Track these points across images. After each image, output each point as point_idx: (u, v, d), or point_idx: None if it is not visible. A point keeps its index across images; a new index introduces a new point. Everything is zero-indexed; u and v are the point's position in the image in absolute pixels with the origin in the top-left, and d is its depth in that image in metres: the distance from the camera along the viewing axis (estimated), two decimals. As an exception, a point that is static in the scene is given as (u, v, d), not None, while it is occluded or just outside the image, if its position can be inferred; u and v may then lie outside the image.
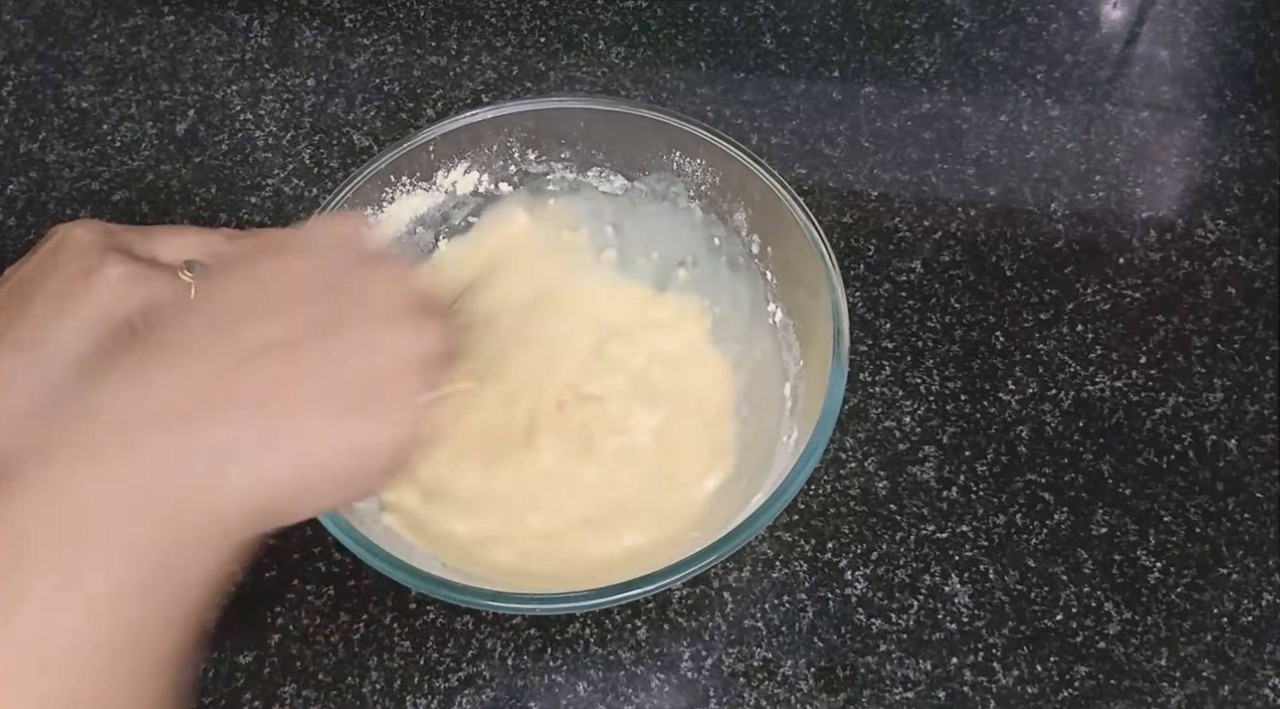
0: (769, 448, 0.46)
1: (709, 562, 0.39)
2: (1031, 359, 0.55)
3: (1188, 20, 0.68)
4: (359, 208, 0.50)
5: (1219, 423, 0.53)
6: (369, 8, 0.69)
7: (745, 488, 0.46)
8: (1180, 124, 0.64)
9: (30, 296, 0.42)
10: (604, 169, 0.53)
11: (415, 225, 0.52)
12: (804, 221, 0.46)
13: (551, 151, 0.53)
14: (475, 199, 0.53)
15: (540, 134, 0.52)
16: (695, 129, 0.50)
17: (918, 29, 0.68)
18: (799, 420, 0.45)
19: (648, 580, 0.38)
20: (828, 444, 0.41)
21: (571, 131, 0.52)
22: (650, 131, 0.51)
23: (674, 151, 0.51)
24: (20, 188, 0.61)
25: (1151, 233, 0.59)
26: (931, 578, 0.48)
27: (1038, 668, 0.46)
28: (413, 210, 0.52)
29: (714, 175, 0.51)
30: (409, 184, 0.51)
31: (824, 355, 0.43)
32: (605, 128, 0.52)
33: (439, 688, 0.46)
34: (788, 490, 0.40)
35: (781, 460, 0.44)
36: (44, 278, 0.43)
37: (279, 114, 0.64)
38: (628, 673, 0.46)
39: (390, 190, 0.51)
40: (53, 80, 0.66)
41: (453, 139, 0.51)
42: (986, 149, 0.63)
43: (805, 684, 0.46)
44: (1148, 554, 0.49)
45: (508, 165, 0.53)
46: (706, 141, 0.50)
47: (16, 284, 0.43)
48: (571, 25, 0.68)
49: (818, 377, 0.44)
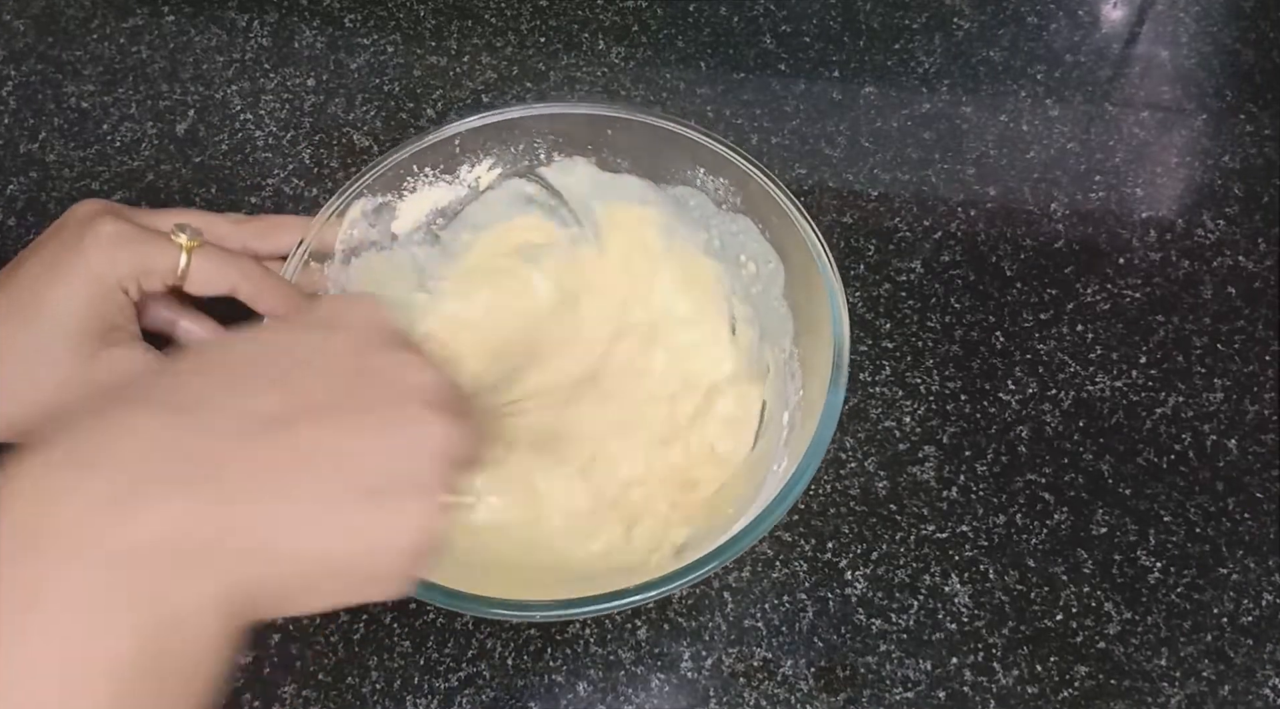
0: (762, 475, 0.46)
1: (671, 587, 0.39)
2: (1031, 359, 0.55)
3: (1188, 20, 0.68)
4: (383, 193, 0.50)
5: (1219, 423, 0.53)
6: (369, 8, 0.69)
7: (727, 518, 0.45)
8: (1180, 124, 0.64)
9: (24, 262, 0.43)
10: (627, 176, 0.53)
11: (435, 216, 0.53)
12: (812, 240, 0.47)
13: (575, 154, 0.53)
14: (497, 194, 0.54)
15: (567, 138, 0.53)
16: (720, 148, 0.50)
17: (918, 29, 0.68)
18: (790, 450, 0.45)
19: (604, 598, 0.38)
20: (816, 470, 0.41)
21: (598, 138, 0.52)
22: (674, 144, 0.51)
23: (698, 167, 0.51)
24: (20, 188, 0.61)
25: (1151, 233, 0.59)
26: (931, 578, 0.48)
27: (1038, 668, 0.46)
28: (434, 201, 0.53)
29: (734, 196, 0.51)
30: (432, 175, 0.52)
31: (822, 388, 0.43)
32: (630, 137, 0.52)
33: (439, 688, 0.46)
34: (761, 525, 0.40)
35: (769, 487, 0.43)
36: (41, 247, 0.43)
37: (279, 114, 0.64)
38: (628, 673, 0.46)
39: (412, 180, 0.51)
40: (53, 80, 0.66)
41: (480, 135, 0.52)
42: (986, 149, 0.63)
43: (805, 684, 0.46)
44: (1148, 554, 0.49)
45: (534, 165, 0.53)
46: (731, 162, 0.50)
47: (17, 259, 0.43)
48: (571, 25, 0.68)
49: (813, 409, 0.43)
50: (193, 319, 0.47)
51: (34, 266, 0.42)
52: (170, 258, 0.43)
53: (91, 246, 0.42)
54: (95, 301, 0.42)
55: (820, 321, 0.45)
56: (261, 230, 0.48)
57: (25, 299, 0.41)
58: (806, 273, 0.47)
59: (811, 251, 0.46)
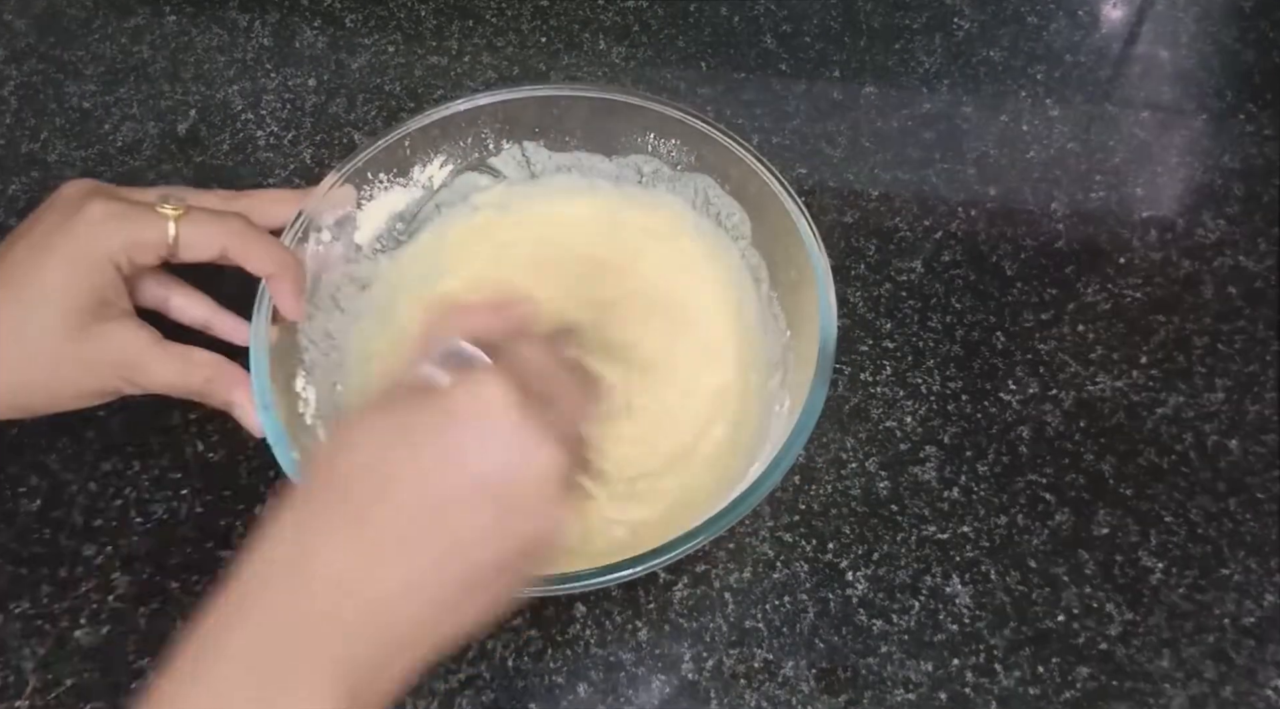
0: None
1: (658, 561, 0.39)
2: (1032, 359, 0.55)
3: (1188, 20, 0.68)
4: (342, 204, 0.50)
5: (1220, 423, 0.53)
6: (370, 8, 0.69)
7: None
8: (1180, 124, 0.64)
9: (15, 243, 0.43)
10: (583, 153, 0.54)
11: (394, 221, 0.53)
12: (776, 187, 0.48)
13: (526, 139, 0.54)
14: (450, 193, 0.54)
15: (513, 124, 0.53)
16: (667, 109, 0.51)
17: (918, 29, 0.68)
18: (781, 423, 0.45)
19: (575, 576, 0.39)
20: (802, 449, 0.41)
21: (544, 120, 0.53)
22: (620, 114, 0.52)
23: (648, 133, 0.52)
24: (21, 188, 0.61)
25: (1152, 233, 0.59)
26: (933, 579, 0.48)
27: (1039, 669, 0.46)
28: (389, 208, 0.53)
29: (689, 155, 0.52)
30: (387, 181, 0.52)
31: (811, 332, 0.44)
32: (576, 114, 0.52)
33: (439, 689, 0.46)
34: (732, 514, 0.40)
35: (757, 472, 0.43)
36: (31, 227, 0.43)
37: (280, 114, 0.64)
38: (628, 674, 0.46)
39: (369, 188, 0.51)
40: (54, 80, 0.66)
41: (427, 133, 0.52)
42: (986, 149, 0.63)
43: (806, 685, 0.46)
44: (1149, 555, 0.49)
45: (485, 157, 0.54)
46: (680, 121, 0.51)
47: (8, 240, 0.44)
48: (572, 25, 0.68)
49: (801, 387, 0.44)
50: (185, 295, 0.47)
51: (24, 246, 0.42)
52: (159, 229, 0.43)
53: (81, 224, 0.42)
54: (87, 277, 0.42)
55: (797, 258, 0.46)
56: (250, 206, 0.48)
57: (17, 277, 0.42)
58: (774, 217, 0.48)
59: (778, 197, 0.47)
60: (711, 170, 0.52)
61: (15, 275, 0.42)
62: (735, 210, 0.52)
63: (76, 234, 0.42)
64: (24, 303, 0.42)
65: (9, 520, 0.49)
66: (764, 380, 0.49)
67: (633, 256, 0.54)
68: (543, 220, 0.55)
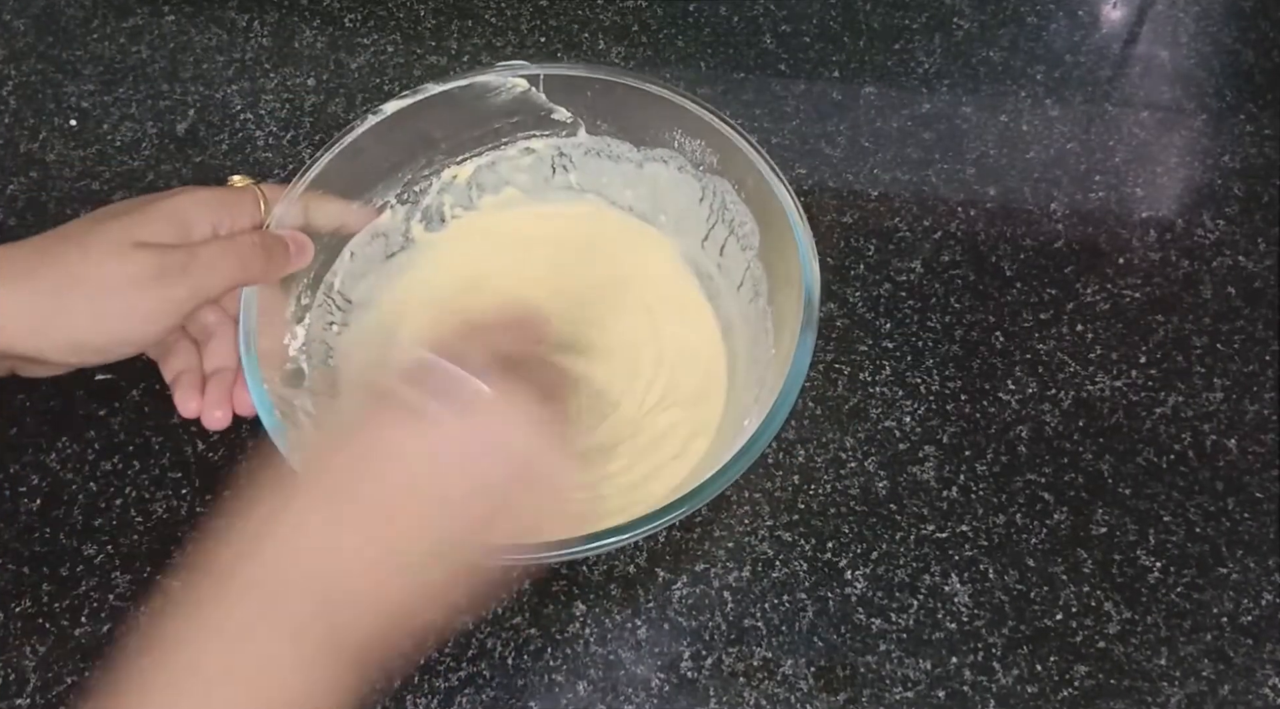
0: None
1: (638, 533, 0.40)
2: (1031, 359, 0.55)
3: (1188, 20, 0.68)
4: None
5: (1219, 423, 0.53)
6: (369, 7, 0.69)
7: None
8: (1180, 124, 0.64)
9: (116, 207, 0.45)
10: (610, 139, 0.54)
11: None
12: (787, 203, 0.47)
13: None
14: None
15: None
16: (699, 110, 0.51)
17: (918, 29, 0.68)
18: (759, 408, 0.45)
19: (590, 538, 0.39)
20: (778, 432, 0.41)
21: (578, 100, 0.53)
22: (653, 106, 0.52)
23: (675, 129, 0.52)
24: (20, 187, 0.61)
25: (1151, 233, 0.59)
26: (931, 577, 0.49)
27: (1037, 667, 0.46)
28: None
29: (712, 157, 0.52)
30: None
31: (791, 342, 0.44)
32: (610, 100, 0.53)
33: (439, 688, 0.46)
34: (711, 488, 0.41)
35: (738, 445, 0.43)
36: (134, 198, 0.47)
37: (279, 114, 0.64)
38: (628, 673, 0.46)
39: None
40: (53, 80, 0.66)
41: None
42: (986, 149, 0.63)
43: (805, 684, 0.46)
44: (1147, 554, 0.49)
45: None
46: (709, 124, 0.51)
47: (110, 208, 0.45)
48: (571, 25, 0.68)
49: (782, 363, 0.44)
50: (225, 340, 0.47)
51: (125, 206, 0.44)
52: (249, 199, 0.46)
53: (183, 192, 0.45)
54: (177, 232, 0.43)
55: (792, 274, 0.46)
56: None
57: (116, 235, 0.42)
58: (780, 233, 0.48)
59: (785, 211, 0.47)
60: (730, 176, 0.52)
61: (114, 235, 0.42)
62: (748, 219, 0.52)
63: (177, 199, 0.44)
64: (125, 263, 0.42)
65: (9, 520, 0.49)
66: (749, 346, 0.50)
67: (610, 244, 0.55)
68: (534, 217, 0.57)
